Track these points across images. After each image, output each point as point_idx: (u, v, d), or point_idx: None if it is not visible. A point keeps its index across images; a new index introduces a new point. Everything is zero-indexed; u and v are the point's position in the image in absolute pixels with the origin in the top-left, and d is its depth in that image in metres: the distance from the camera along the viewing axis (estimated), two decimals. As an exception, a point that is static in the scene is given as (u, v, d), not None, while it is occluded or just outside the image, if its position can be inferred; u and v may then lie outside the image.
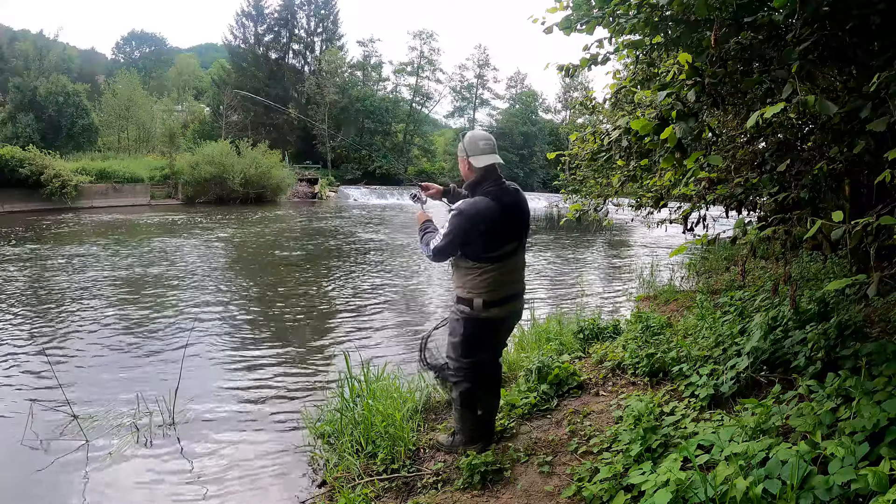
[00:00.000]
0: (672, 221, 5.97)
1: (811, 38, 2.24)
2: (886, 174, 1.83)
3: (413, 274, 10.80)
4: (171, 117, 42.09)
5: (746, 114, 3.00)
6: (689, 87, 2.46)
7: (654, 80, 3.81)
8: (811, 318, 3.20)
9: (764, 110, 1.92)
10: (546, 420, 3.33)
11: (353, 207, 30.33)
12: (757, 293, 4.37)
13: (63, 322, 6.68)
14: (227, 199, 28.15)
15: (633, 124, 2.62)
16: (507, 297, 2.75)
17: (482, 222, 2.58)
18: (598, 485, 2.33)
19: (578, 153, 4.66)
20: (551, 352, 4.30)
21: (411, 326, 7.00)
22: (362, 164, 45.39)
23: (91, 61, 57.18)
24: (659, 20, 2.70)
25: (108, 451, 3.64)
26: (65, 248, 12.47)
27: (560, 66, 3.62)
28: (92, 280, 9.10)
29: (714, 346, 3.59)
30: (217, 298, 8.11)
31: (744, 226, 2.68)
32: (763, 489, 1.83)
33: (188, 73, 58.48)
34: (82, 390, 4.59)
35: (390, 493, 2.77)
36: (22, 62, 36.69)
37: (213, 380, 4.96)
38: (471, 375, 2.84)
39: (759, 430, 2.29)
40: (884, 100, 2.04)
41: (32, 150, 22.68)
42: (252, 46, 46.23)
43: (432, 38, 50.78)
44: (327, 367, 5.37)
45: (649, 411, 2.73)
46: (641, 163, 3.78)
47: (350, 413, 3.42)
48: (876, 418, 1.97)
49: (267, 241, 15.15)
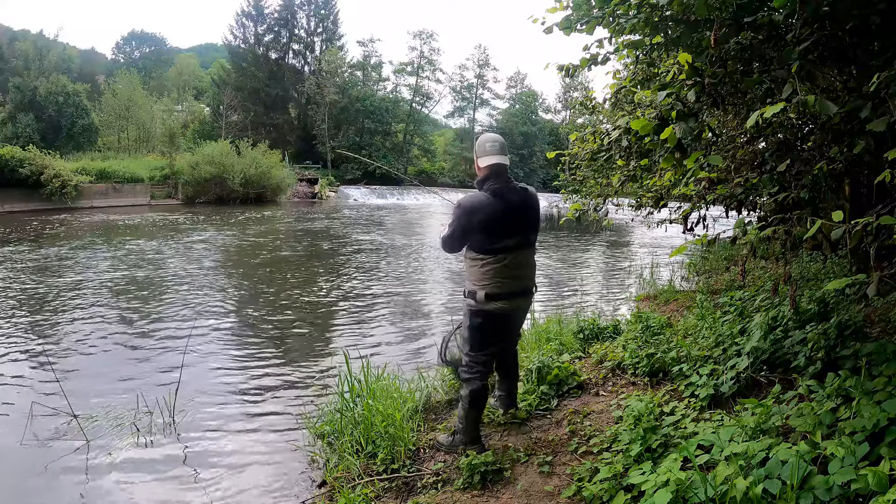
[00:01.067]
0: (672, 221, 5.97)
1: (811, 38, 2.24)
2: (886, 174, 1.83)
3: (413, 274, 10.81)
4: (171, 117, 42.08)
5: (746, 114, 2.99)
6: (689, 87, 2.46)
7: (654, 80, 3.81)
8: (811, 318, 3.20)
9: (764, 110, 1.92)
10: (546, 420, 3.33)
11: (353, 207, 30.32)
12: (757, 293, 4.37)
13: (63, 322, 6.68)
14: (227, 199, 28.13)
15: (633, 124, 2.63)
16: (511, 292, 2.83)
17: (479, 215, 2.75)
18: (598, 485, 2.33)
19: (578, 153, 4.66)
20: (551, 352, 4.30)
21: (412, 326, 7.00)
22: (362, 165, 45.37)
23: (91, 61, 57.15)
24: (659, 20, 2.71)
25: (108, 451, 3.64)
26: (65, 248, 12.47)
27: (560, 66, 3.62)
28: (92, 280, 9.10)
29: (714, 346, 3.59)
30: (217, 298, 8.11)
31: (744, 226, 2.68)
32: (763, 489, 1.83)
33: (188, 73, 58.50)
34: (82, 390, 4.59)
35: (390, 493, 2.77)
36: (22, 62, 36.67)
37: (214, 379, 4.96)
38: (482, 373, 2.91)
39: (759, 430, 2.29)
40: (884, 100, 2.04)
41: (32, 150, 22.66)
42: (252, 46, 46.23)
43: (432, 38, 50.85)
44: (327, 367, 5.36)
45: (649, 411, 2.73)
46: (641, 163, 3.78)
47: (350, 413, 3.42)
48: (876, 418, 1.97)
49: (267, 240, 15.15)
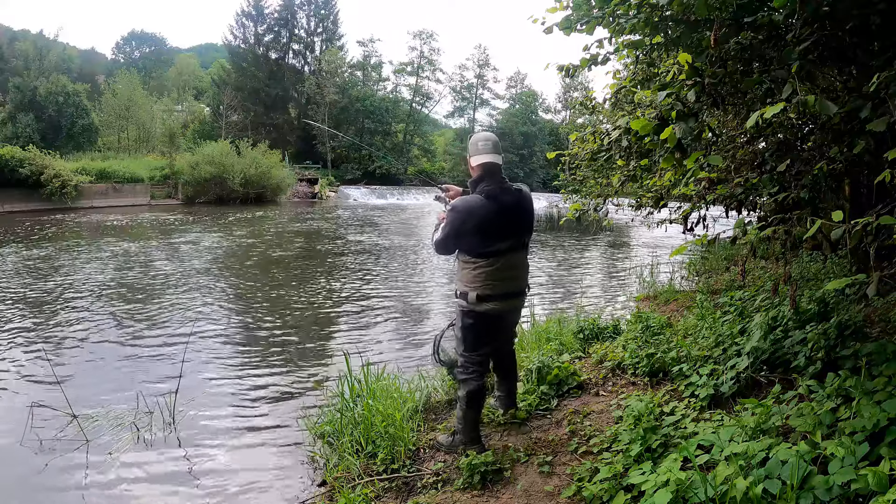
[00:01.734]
0: (672, 221, 5.97)
1: (811, 38, 2.24)
2: (886, 174, 1.83)
3: (413, 274, 10.80)
4: (171, 117, 42.10)
5: (746, 114, 3.00)
6: (689, 87, 2.46)
7: (654, 80, 3.81)
8: (811, 318, 3.20)
9: (764, 110, 1.92)
10: (546, 420, 3.33)
11: (353, 207, 30.33)
12: (757, 293, 4.37)
13: (63, 322, 6.68)
14: (227, 199, 28.15)
15: (633, 124, 2.62)
16: (503, 294, 2.81)
17: (472, 218, 2.70)
18: (598, 485, 2.33)
19: (578, 153, 4.66)
20: (551, 352, 4.29)
21: (412, 327, 7.00)
22: (362, 164, 45.44)
23: (91, 61, 57.16)
24: (659, 20, 2.70)
25: (108, 451, 3.64)
26: (65, 249, 12.48)
27: (560, 67, 3.62)
28: (92, 280, 9.10)
29: (714, 346, 3.59)
30: (216, 298, 8.11)
31: (744, 226, 2.68)
32: (763, 489, 1.83)
33: (188, 73, 58.53)
34: (82, 390, 4.59)
35: (390, 493, 2.77)
36: (22, 62, 36.66)
37: (214, 380, 4.96)
38: (478, 373, 2.90)
39: (759, 430, 2.29)
40: (884, 100, 2.04)
41: (32, 150, 22.68)
42: (252, 46, 46.26)
43: (432, 38, 50.90)
44: (327, 367, 5.36)
45: (649, 411, 2.73)
46: (641, 163, 3.78)
47: (350, 413, 3.42)
48: (876, 418, 1.97)
49: (267, 241, 15.15)
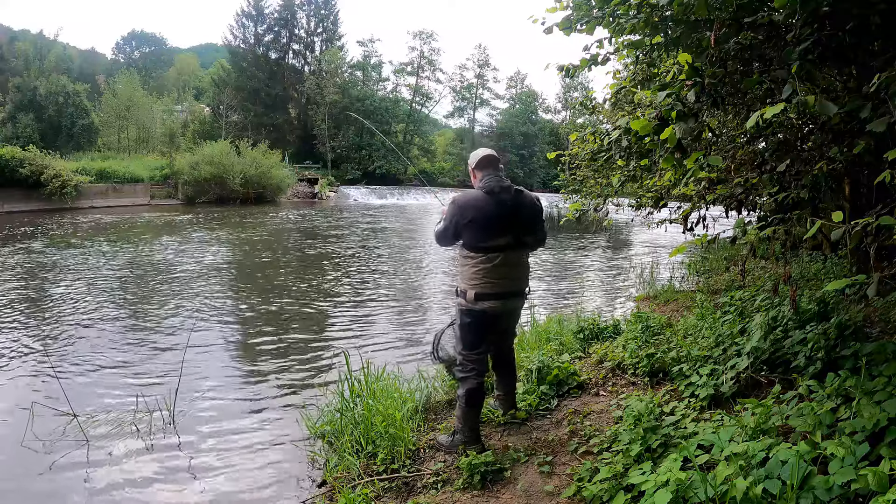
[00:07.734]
0: (672, 221, 5.96)
1: (811, 38, 2.24)
2: (886, 174, 1.83)
3: (413, 274, 10.80)
4: (171, 117, 42.15)
5: (746, 114, 3.00)
6: (689, 87, 2.46)
7: (654, 80, 3.81)
8: (811, 318, 3.20)
9: (764, 110, 1.92)
10: (546, 420, 3.33)
11: (354, 208, 30.32)
12: (757, 293, 4.37)
13: (63, 322, 6.67)
14: (227, 199, 28.14)
15: (633, 124, 2.62)
16: (501, 293, 2.84)
17: (471, 211, 2.79)
18: (598, 485, 2.33)
19: (578, 153, 4.66)
20: (551, 352, 4.30)
21: (412, 326, 7.00)
22: (362, 164, 45.41)
23: (91, 61, 57.24)
24: (659, 20, 2.70)
25: (108, 451, 3.64)
26: (64, 248, 12.47)
27: (560, 67, 3.62)
28: (92, 280, 9.10)
29: (714, 346, 3.58)
30: (216, 298, 8.11)
31: (744, 226, 2.68)
32: (763, 489, 1.83)
33: (188, 73, 58.62)
34: (82, 390, 4.59)
35: (390, 493, 2.77)
36: (22, 62, 36.78)
37: (213, 379, 4.96)
38: (477, 371, 2.91)
39: (759, 430, 2.29)
40: (884, 100, 2.04)
41: (32, 150, 22.66)
42: (252, 46, 46.24)
43: (432, 38, 50.97)
44: (327, 367, 5.36)
45: (649, 411, 2.73)
46: (641, 163, 3.78)
47: (350, 413, 3.42)
48: (876, 418, 1.97)
49: (266, 241, 15.15)
